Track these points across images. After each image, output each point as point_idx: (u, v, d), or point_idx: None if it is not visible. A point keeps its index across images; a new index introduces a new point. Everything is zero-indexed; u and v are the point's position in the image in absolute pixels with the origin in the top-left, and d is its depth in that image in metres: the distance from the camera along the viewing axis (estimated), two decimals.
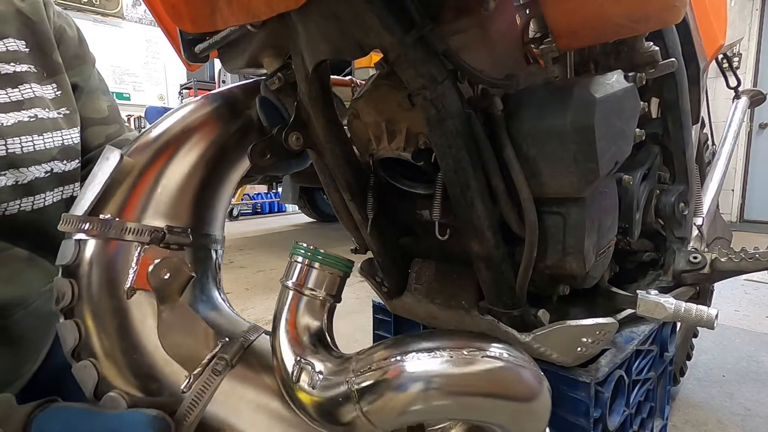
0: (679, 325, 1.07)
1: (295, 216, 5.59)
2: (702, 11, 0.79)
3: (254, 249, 3.62)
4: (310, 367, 0.43)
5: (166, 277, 0.46)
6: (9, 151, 0.55)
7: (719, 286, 1.84)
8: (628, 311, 0.67)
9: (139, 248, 0.46)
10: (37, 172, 0.58)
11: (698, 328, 1.39)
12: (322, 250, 0.46)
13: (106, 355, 0.45)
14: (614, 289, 0.65)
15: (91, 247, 0.46)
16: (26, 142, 0.57)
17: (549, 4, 0.45)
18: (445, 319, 0.58)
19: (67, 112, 0.65)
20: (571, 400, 0.57)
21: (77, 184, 0.65)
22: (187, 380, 0.44)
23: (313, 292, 0.46)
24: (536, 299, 0.55)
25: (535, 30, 0.60)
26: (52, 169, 0.60)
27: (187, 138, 0.51)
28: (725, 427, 1.17)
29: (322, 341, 0.46)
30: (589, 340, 0.53)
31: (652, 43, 0.60)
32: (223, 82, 4.45)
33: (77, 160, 0.65)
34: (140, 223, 0.47)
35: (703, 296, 1.26)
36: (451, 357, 0.41)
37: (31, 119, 0.58)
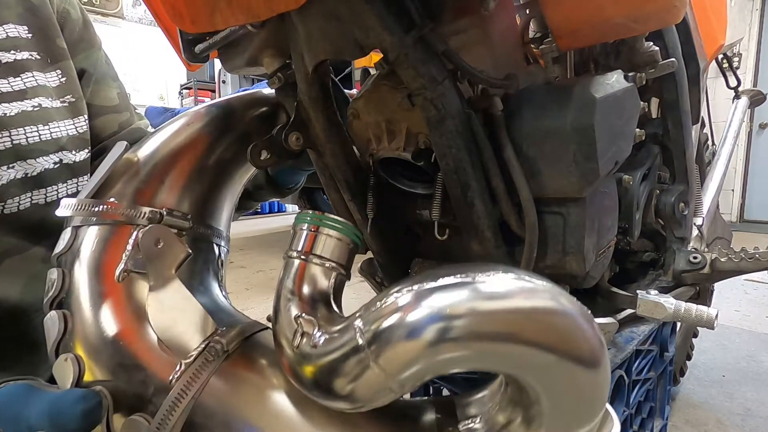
0: (679, 325, 1.07)
1: (294, 216, 5.59)
2: (702, 11, 0.79)
3: (254, 249, 3.62)
4: (311, 323, 0.36)
5: (159, 246, 0.43)
6: (14, 142, 0.54)
7: (719, 286, 1.84)
8: (628, 311, 0.67)
9: (135, 232, 0.43)
10: (45, 163, 0.57)
11: (698, 328, 1.39)
12: (330, 215, 0.40)
13: (89, 346, 0.40)
14: (614, 289, 0.65)
15: (85, 233, 0.44)
16: (31, 132, 0.55)
17: (549, 4, 0.45)
18: None
19: (73, 99, 0.62)
20: None
21: (90, 176, 0.63)
22: (178, 368, 0.39)
23: (320, 259, 0.40)
24: None
25: (535, 30, 0.60)
26: (61, 160, 0.58)
27: (192, 131, 0.51)
28: (725, 427, 1.17)
29: (327, 305, 0.39)
30: None
31: (652, 43, 0.60)
32: (223, 82, 4.46)
33: (87, 150, 0.63)
34: (138, 206, 0.45)
35: (703, 296, 1.26)
36: (493, 284, 0.31)
37: (35, 108, 0.56)
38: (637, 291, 0.60)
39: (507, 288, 0.31)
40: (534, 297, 0.31)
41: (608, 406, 0.37)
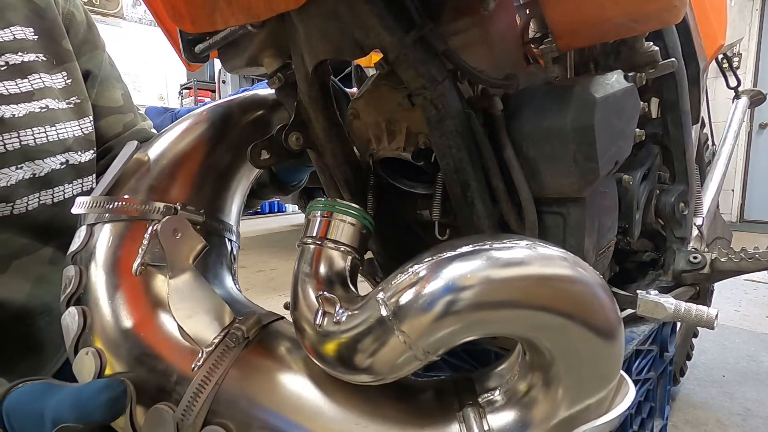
0: (679, 325, 1.07)
1: (295, 216, 5.59)
2: (702, 11, 0.79)
3: (254, 249, 3.62)
4: (332, 302, 0.37)
5: (177, 237, 0.43)
6: (22, 142, 0.54)
7: (719, 286, 1.84)
8: (628, 311, 0.67)
9: (151, 226, 0.44)
10: (52, 163, 0.57)
11: (698, 328, 1.39)
12: (342, 201, 0.42)
13: (109, 339, 0.40)
14: (614, 289, 0.65)
15: (101, 230, 0.45)
16: (39, 133, 0.56)
17: (549, 4, 0.45)
18: None
19: (78, 101, 0.63)
20: None
21: (95, 176, 0.64)
22: (200, 356, 0.39)
23: (335, 243, 0.40)
24: None
25: (535, 30, 0.60)
26: (67, 161, 0.59)
27: (201, 130, 0.52)
28: (725, 427, 1.18)
29: (345, 286, 0.40)
30: None
31: (652, 43, 0.60)
32: (223, 82, 4.45)
33: (92, 151, 0.63)
34: (152, 202, 0.46)
35: (703, 296, 1.26)
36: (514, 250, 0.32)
37: (43, 110, 0.57)
38: (637, 291, 0.60)
39: (525, 254, 0.33)
40: (552, 265, 0.33)
41: (623, 373, 0.38)
